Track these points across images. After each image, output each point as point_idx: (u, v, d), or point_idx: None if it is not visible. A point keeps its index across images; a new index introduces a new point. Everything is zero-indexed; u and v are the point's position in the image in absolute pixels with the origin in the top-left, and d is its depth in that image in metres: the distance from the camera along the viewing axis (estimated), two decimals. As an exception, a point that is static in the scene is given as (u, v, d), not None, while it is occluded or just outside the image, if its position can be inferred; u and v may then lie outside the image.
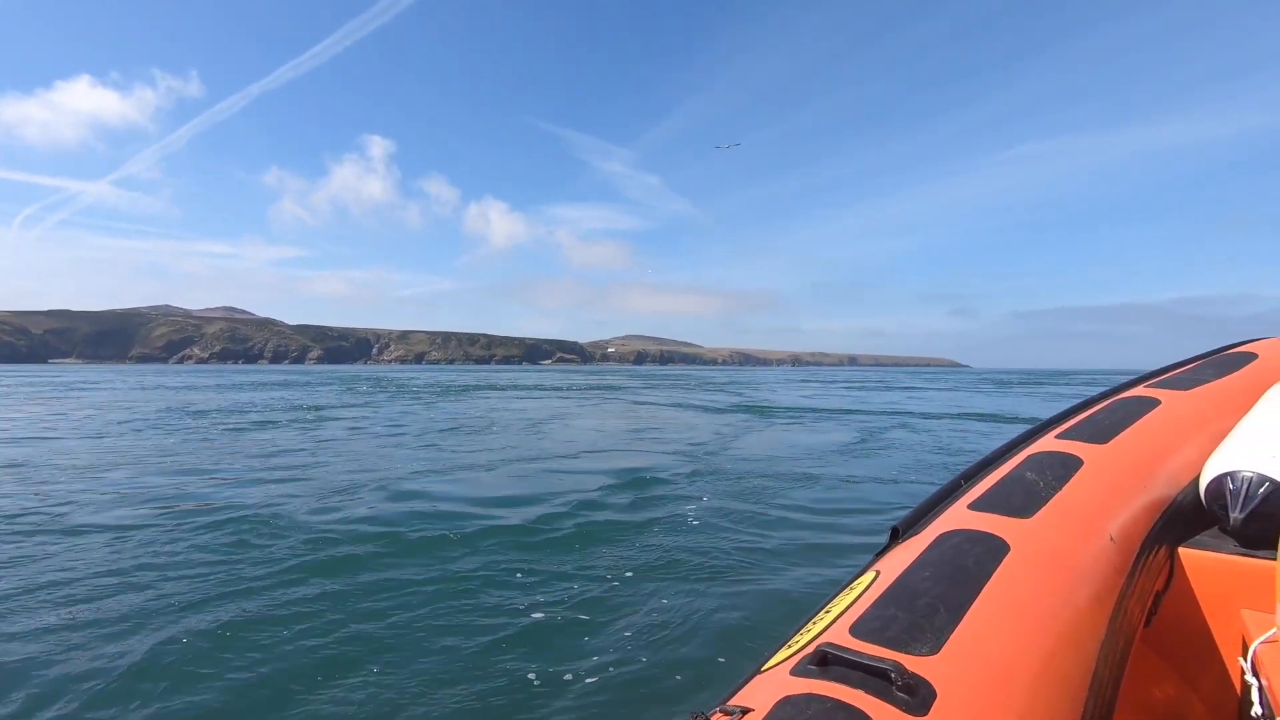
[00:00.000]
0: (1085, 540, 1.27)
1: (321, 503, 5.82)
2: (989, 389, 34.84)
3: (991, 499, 1.39)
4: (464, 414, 16.09)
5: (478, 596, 3.66)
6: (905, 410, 18.14)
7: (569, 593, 3.74)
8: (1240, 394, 2.05)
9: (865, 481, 7.25)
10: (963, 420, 15.23)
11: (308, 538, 4.66)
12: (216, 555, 4.29)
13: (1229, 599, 1.45)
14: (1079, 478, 1.48)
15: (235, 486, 6.65)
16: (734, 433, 12.17)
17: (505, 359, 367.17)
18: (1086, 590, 1.16)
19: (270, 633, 3.10)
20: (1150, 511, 1.48)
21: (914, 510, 1.45)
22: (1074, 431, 1.77)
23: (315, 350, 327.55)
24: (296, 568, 4.05)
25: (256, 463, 8.17)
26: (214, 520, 5.10)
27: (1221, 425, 1.84)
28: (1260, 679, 1.15)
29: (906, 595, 1.03)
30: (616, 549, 4.60)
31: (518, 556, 4.39)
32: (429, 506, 5.76)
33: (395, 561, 4.24)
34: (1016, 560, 1.14)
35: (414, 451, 9.40)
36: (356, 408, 18.11)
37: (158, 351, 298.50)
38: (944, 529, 1.27)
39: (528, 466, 8.07)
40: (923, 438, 11.41)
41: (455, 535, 4.81)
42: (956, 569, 1.10)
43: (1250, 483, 1.47)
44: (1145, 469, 1.60)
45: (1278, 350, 2.41)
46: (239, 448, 9.62)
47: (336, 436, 11.14)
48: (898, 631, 0.94)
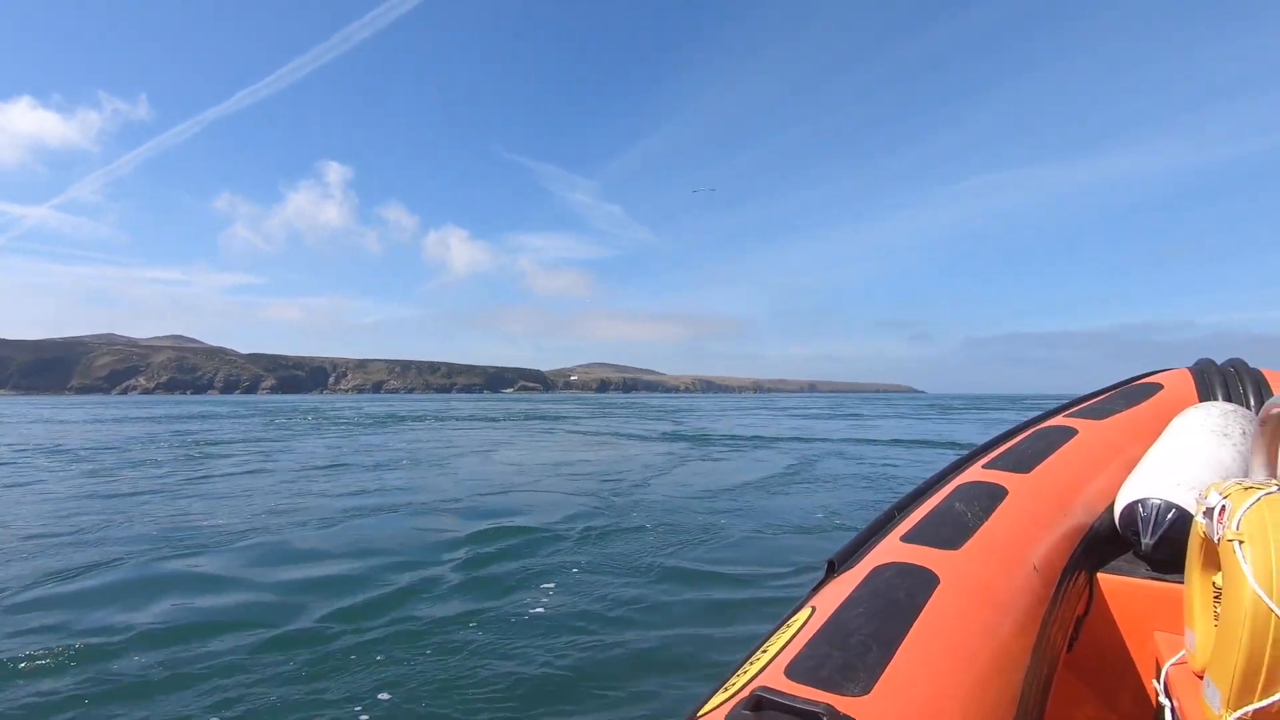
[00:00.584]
0: (1010, 570, 1.31)
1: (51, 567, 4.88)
2: (932, 415, 35.47)
3: (922, 531, 1.42)
4: (372, 448, 15.32)
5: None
6: (843, 438, 18.22)
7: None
8: (1149, 423, 2.16)
9: (786, 519, 6.83)
10: (896, 448, 15.27)
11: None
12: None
13: (1143, 622, 1.52)
14: (1004, 507, 1.53)
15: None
16: (664, 465, 11.89)
17: (466, 387, 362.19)
18: (1012, 620, 1.19)
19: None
20: (1070, 539, 1.54)
21: (849, 543, 1.47)
22: (999, 461, 1.84)
23: (268, 380, 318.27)
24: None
25: (36, 517, 6.91)
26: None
27: (1133, 453, 1.94)
28: (1172, 700, 1.20)
29: (840, 633, 1.04)
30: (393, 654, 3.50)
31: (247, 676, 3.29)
32: (186, 569, 4.87)
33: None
34: (946, 592, 1.16)
35: (251, 499, 8.04)
36: (256, 443, 16.96)
37: (100, 382, 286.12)
38: (877, 562, 1.29)
39: (384, 515, 7.06)
40: (854, 468, 11.39)
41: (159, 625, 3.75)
42: (889, 603, 1.12)
43: (1159, 510, 1.55)
44: (1064, 497, 1.67)
45: (1180, 380, 2.53)
46: (36, 500, 8.18)
47: (189, 478, 10.07)
48: (830, 671, 0.94)
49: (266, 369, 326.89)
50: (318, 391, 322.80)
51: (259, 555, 5.48)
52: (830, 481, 9.44)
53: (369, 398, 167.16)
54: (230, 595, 4.48)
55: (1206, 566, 1.22)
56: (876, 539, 1.46)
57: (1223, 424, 1.88)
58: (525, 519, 6.78)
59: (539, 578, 4.82)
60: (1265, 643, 0.94)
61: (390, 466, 11.42)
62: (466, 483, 9.51)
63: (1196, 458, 1.70)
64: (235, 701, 3.04)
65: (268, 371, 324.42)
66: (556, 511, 7.13)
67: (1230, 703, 0.98)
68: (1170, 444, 1.83)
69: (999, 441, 2.07)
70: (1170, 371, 2.66)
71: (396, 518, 6.94)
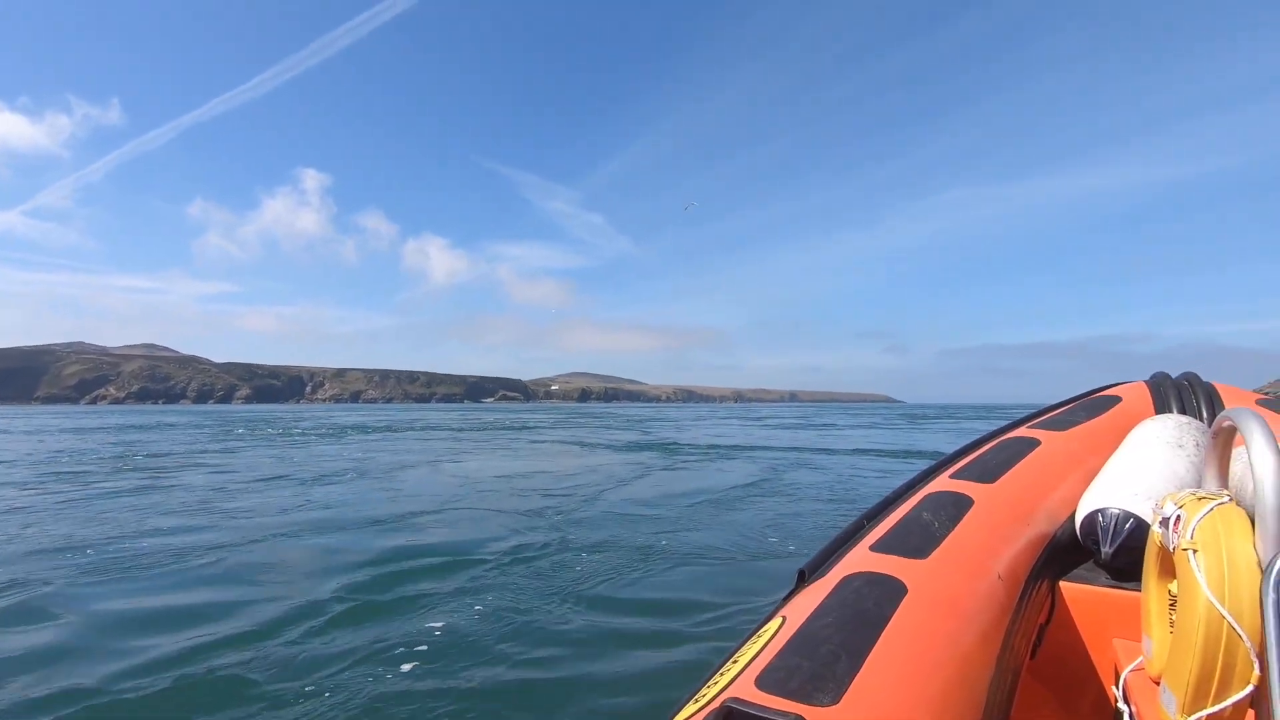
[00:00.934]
0: (976, 579, 1.33)
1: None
2: (902, 424, 34.97)
3: (891, 540, 1.43)
4: (321, 459, 14.26)
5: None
6: (811, 447, 17.70)
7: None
8: (1108, 434, 2.22)
9: (737, 538, 6.06)
10: (861, 457, 14.87)
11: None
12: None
13: (1103, 629, 1.55)
14: (970, 517, 1.55)
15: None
16: (622, 476, 10.97)
17: (446, 397, 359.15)
18: (977, 629, 1.20)
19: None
20: (1033, 547, 1.57)
21: (819, 552, 1.47)
22: (965, 471, 1.87)
23: (243, 390, 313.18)
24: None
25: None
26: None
27: (1093, 464, 1.98)
28: (1130, 705, 1.24)
29: (810, 643, 1.04)
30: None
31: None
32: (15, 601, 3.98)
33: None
34: (914, 602, 1.17)
35: (152, 517, 7.00)
36: (199, 455, 15.64)
37: (68, 391, 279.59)
38: (847, 571, 1.30)
39: (296, 534, 6.22)
40: (817, 477, 10.74)
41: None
42: (857, 613, 1.13)
43: (1117, 519, 1.59)
44: (1028, 507, 1.71)
45: (1137, 394, 2.61)
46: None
47: (99, 494, 8.73)
48: (800, 682, 0.94)
49: (241, 378, 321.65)
50: (294, 401, 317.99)
51: (111, 583, 4.54)
52: (789, 494, 8.78)
53: (345, 407, 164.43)
54: (49, 631, 3.65)
55: (1163, 575, 1.25)
56: (846, 548, 1.47)
57: (1177, 436, 1.93)
58: (451, 537, 6.05)
59: (439, 606, 4.02)
60: (1218, 649, 0.97)
61: (331, 480, 10.46)
62: (405, 498, 8.61)
63: (1153, 468, 1.75)
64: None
65: (242, 381, 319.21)
66: (488, 529, 6.39)
67: (1185, 708, 1.01)
68: (1128, 455, 1.88)
69: (966, 452, 2.12)
70: (1127, 385, 2.74)
71: (310, 536, 6.05)
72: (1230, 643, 0.96)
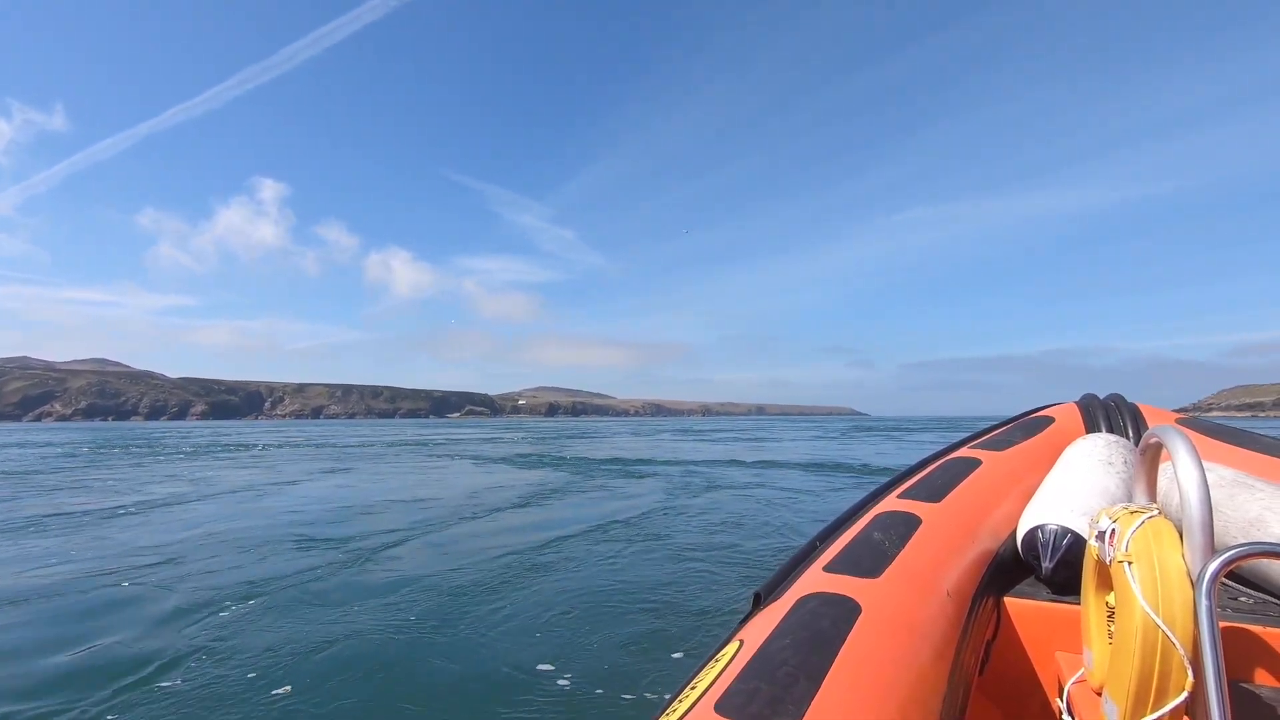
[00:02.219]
0: (926, 597, 1.35)
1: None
2: (840, 437, 34.33)
3: (844, 560, 1.45)
4: (172, 481, 13.01)
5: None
6: (733, 460, 17.22)
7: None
8: (1043, 453, 2.36)
9: (584, 597, 4.69)
10: (785, 473, 14.14)
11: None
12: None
13: (1046, 643, 1.60)
14: (919, 536, 1.59)
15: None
16: (508, 499, 10.17)
17: (411, 412, 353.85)
18: (929, 646, 1.22)
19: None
20: (979, 565, 1.62)
21: (775, 575, 1.49)
22: (912, 491, 1.93)
23: (199, 405, 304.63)
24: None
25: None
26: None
27: (1031, 482, 2.09)
28: (1074, 717, 1.26)
29: (767, 666, 1.05)
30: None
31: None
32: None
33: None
34: (868, 621, 1.19)
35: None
36: (27, 477, 14.00)
37: (10, 409, 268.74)
38: (802, 592, 1.31)
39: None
40: (728, 502, 9.73)
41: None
42: (814, 634, 1.14)
43: (1056, 534, 1.65)
44: (973, 525, 1.76)
45: (1068, 414, 2.79)
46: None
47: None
48: (760, 706, 0.95)
49: (197, 394, 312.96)
50: (253, 417, 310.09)
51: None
52: (681, 525, 7.56)
53: (304, 424, 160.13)
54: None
55: (1100, 587, 1.30)
56: (800, 569, 1.49)
57: (1107, 454, 2.07)
58: (208, 585, 4.99)
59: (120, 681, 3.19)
60: (1154, 658, 1.01)
61: (121, 513, 8.99)
62: (201, 537, 7.16)
63: (1086, 485, 1.85)
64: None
65: (198, 397, 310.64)
66: (277, 567, 5.57)
67: (1126, 716, 1.04)
68: (1062, 473, 1.99)
69: (912, 472, 2.20)
70: (1060, 406, 2.92)
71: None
72: (1165, 651, 1.00)
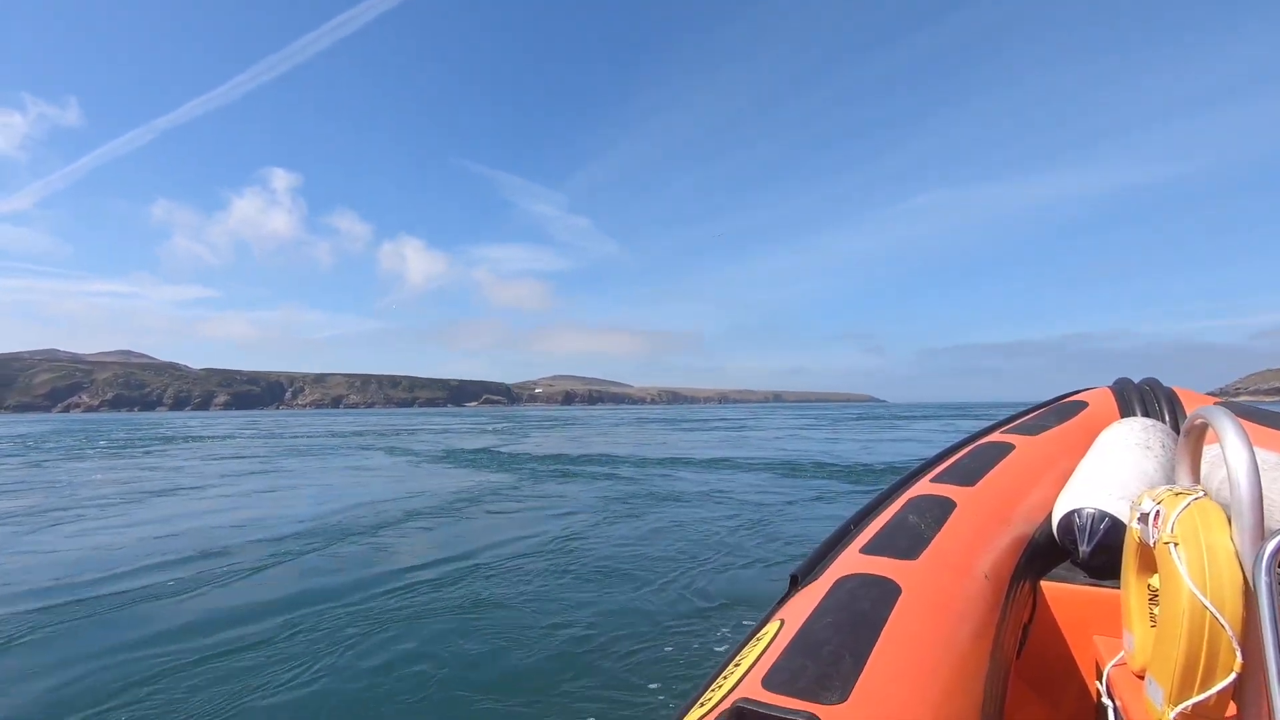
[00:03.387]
0: (964, 579, 1.35)
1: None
2: (841, 426, 32.31)
3: (880, 543, 1.45)
4: (112, 477, 12.58)
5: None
6: (690, 459, 15.29)
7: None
8: (1078, 438, 2.30)
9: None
10: (732, 473, 12.40)
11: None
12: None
13: (1083, 627, 1.60)
14: (954, 519, 1.58)
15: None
16: (436, 508, 8.58)
17: (429, 401, 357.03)
18: (970, 628, 1.22)
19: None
20: (1015, 548, 1.59)
21: (810, 557, 1.49)
22: (945, 475, 1.91)
23: (221, 396, 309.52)
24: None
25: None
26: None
27: (1066, 467, 2.05)
28: (1114, 700, 1.27)
29: (812, 644, 1.06)
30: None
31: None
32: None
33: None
34: (908, 602, 1.19)
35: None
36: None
37: (40, 400, 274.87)
38: (840, 574, 1.31)
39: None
40: (683, 514, 7.92)
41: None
42: (855, 614, 1.14)
43: (1094, 518, 1.63)
44: (1008, 509, 1.74)
45: (1102, 398, 2.72)
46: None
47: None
48: (807, 682, 0.95)
49: (220, 385, 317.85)
50: (274, 407, 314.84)
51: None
52: (610, 552, 5.95)
53: (323, 413, 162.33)
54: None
55: (1142, 570, 1.28)
56: (836, 551, 1.49)
57: (1144, 438, 2.02)
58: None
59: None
60: (1201, 639, 0.99)
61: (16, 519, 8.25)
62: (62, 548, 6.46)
63: (1124, 469, 1.81)
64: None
65: (221, 387, 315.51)
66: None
67: (1172, 698, 1.03)
68: (1099, 457, 1.95)
69: (943, 457, 2.17)
70: (1093, 390, 2.85)
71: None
72: (1213, 632, 0.99)
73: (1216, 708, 1.01)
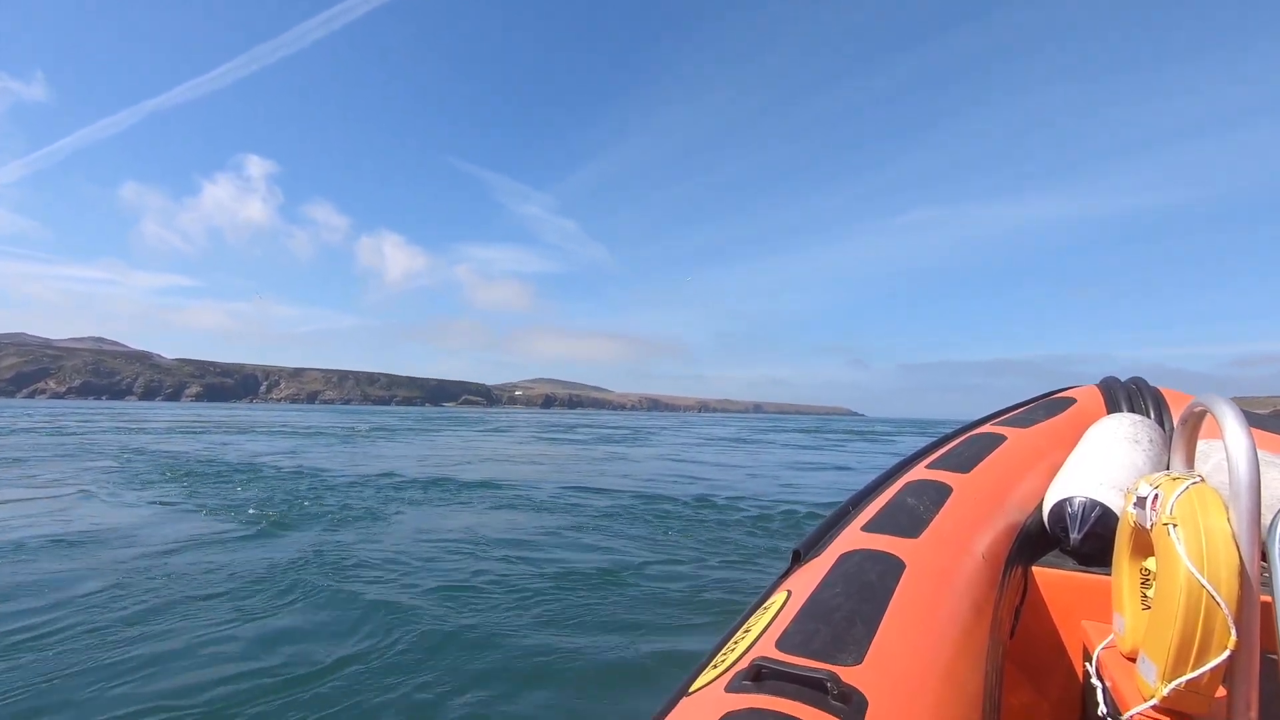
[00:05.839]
0: (964, 558, 1.40)
1: None
2: (774, 443, 28.19)
3: (881, 522, 1.51)
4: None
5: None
6: (551, 483, 11.17)
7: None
8: (1067, 431, 2.38)
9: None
10: (583, 508, 8.46)
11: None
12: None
13: (1072, 612, 1.64)
14: (951, 503, 1.63)
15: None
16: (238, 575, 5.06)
17: (407, 400, 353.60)
18: (971, 604, 1.27)
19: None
20: (1008, 534, 1.65)
21: (812, 533, 1.54)
22: (940, 462, 1.97)
23: (194, 387, 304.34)
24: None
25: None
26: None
27: (1055, 458, 2.12)
28: (1104, 681, 1.30)
29: (823, 610, 1.10)
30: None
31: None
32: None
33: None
34: (912, 576, 1.24)
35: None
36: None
37: (4, 384, 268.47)
38: (844, 549, 1.36)
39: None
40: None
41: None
42: (863, 584, 1.19)
43: (1085, 507, 1.69)
44: (1001, 496, 1.81)
45: (1090, 395, 2.83)
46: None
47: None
48: (822, 644, 1.00)
49: (192, 376, 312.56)
50: (248, 400, 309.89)
51: None
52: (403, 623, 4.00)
53: (298, 408, 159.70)
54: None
55: (1135, 554, 1.32)
56: (838, 529, 1.54)
57: (1133, 432, 2.09)
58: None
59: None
60: (1198, 618, 1.02)
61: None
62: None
63: (1114, 461, 1.87)
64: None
65: (193, 379, 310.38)
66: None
67: (1166, 675, 1.06)
68: (1089, 449, 2.02)
69: (937, 445, 2.23)
70: (1081, 388, 2.96)
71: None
72: (1209, 611, 1.01)
73: (1209, 684, 1.04)
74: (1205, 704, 1.06)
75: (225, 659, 3.64)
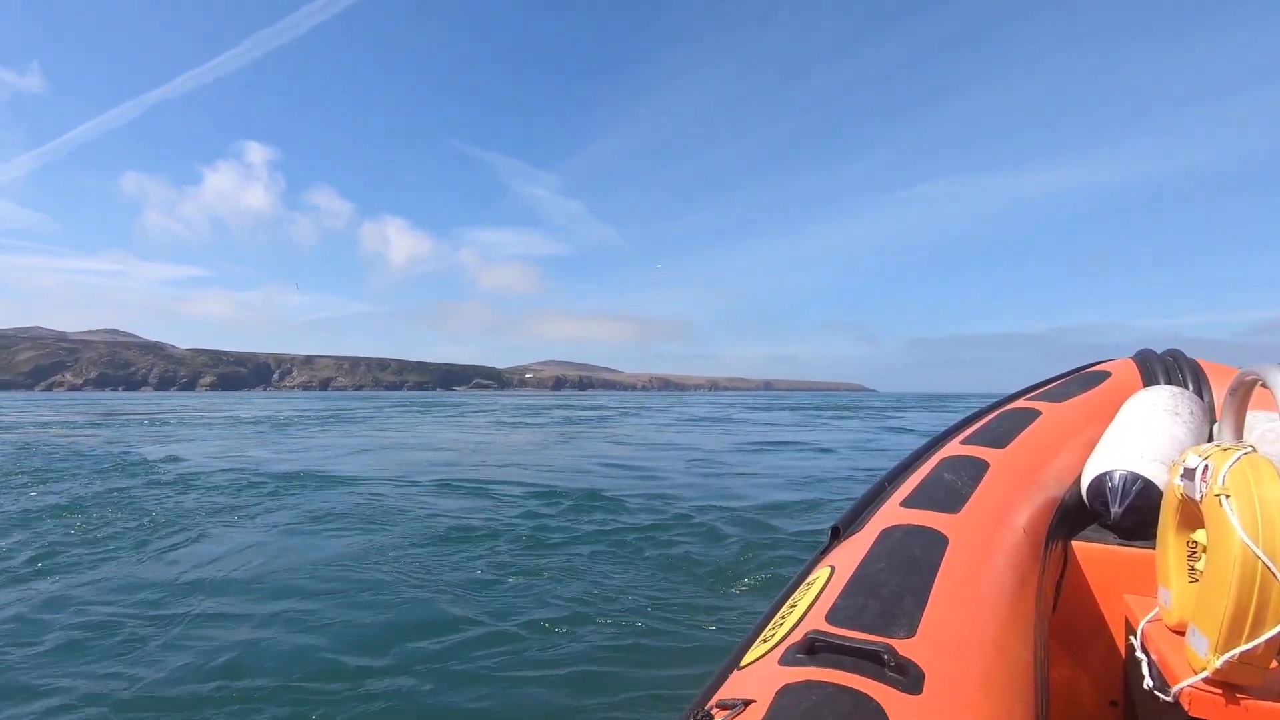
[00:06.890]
0: (1006, 532, 1.40)
1: None
2: (760, 422, 25.37)
3: (920, 497, 1.50)
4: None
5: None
6: (466, 482, 8.63)
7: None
8: (1103, 406, 2.31)
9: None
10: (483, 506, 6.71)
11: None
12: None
13: (1113, 586, 1.62)
14: (989, 478, 1.62)
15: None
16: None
17: (418, 385, 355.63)
18: (1015, 578, 1.27)
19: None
20: (1047, 508, 1.64)
21: (850, 510, 1.54)
22: (975, 438, 1.95)
23: (208, 376, 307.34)
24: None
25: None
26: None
27: (1092, 433, 2.07)
28: (1150, 654, 1.29)
29: (870, 585, 1.09)
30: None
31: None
32: None
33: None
34: (956, 550, 1.24)
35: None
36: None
37: (22, 378, 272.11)
38: (884, 524, 1.36)
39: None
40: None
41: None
42: (907, 559, 1.19)
43: (1126, 480, 1.65)
44: (1038, 470, 1.79)
45: (1125, 368, 2.75)
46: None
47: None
48: (872, 618, 0.99)
49: (206, 365, 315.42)
50: (261, 388, 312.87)
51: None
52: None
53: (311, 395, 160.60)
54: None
55: (1182, 526, 1.28)
56: (875, 506, 1.53)
57: (1173, 404, 2.03)
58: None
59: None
60: (1252, 589, 1.00)
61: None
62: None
63: (1154, 434, 1.82)
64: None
65: (207, 368, 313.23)
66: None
67: (1218, 648, 1.03)
68: (1127, 423, 1.96)
69: (970, 421, 2.20)
70: (1115, 361, 2.87)
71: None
72: (1264, 582, 0.98)
73: (1264, 655, 1.01)
74: (1260, 675, 1.03)
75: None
